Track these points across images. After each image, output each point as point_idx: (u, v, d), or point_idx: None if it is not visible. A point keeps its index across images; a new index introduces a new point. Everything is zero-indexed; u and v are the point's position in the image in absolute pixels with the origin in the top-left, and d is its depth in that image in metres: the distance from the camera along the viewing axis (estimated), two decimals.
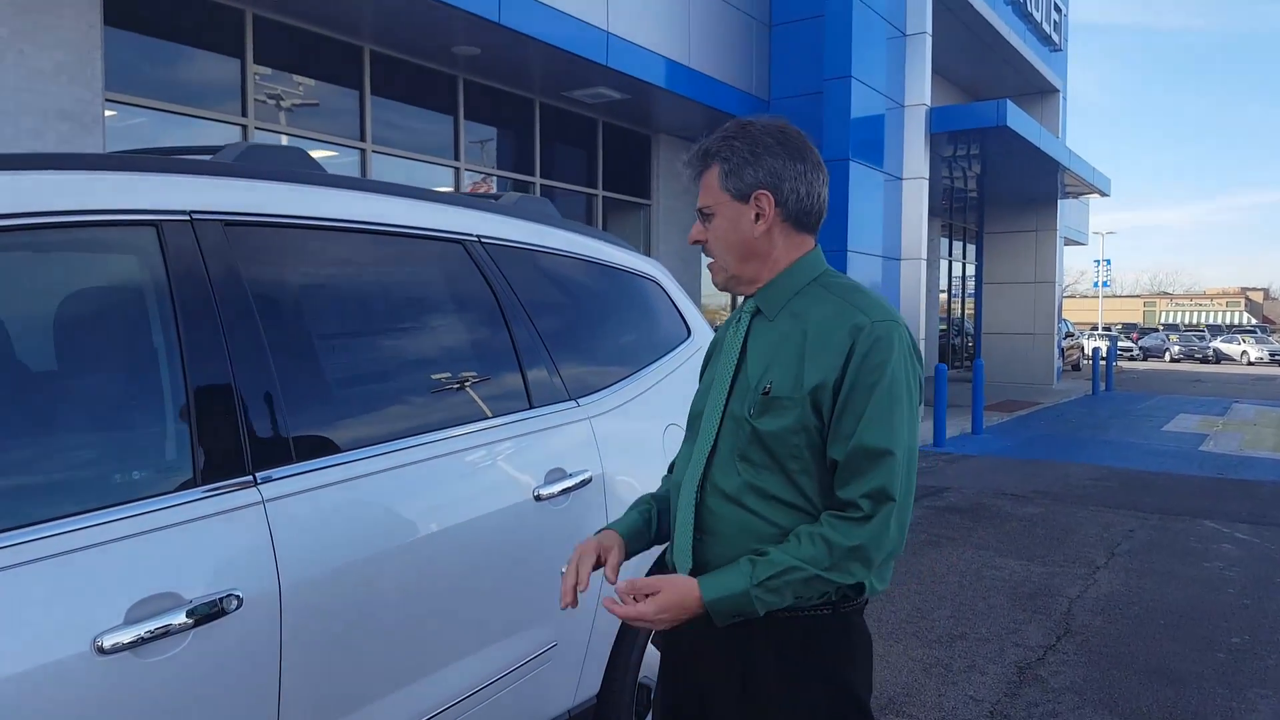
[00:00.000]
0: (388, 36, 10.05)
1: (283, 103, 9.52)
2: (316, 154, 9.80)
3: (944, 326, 26.50)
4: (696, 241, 1.92)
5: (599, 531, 1.99)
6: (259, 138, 9.04)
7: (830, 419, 1.74)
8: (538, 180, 12.51)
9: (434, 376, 2.67)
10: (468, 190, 11.01)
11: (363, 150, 10.25)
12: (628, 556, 1.96)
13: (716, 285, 1.94)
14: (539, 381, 2.90)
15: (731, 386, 1.86)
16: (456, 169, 11.45)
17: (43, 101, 7.13)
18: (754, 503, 1.78)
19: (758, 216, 1.84)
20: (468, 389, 2.71)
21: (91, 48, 7.46)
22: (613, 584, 1.86)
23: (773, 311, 1.86)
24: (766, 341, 1.85)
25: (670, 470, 2.13)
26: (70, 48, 7.31)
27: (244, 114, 9.01)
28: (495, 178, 12.13)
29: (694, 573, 1.81)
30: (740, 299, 1.97)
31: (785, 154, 1.83)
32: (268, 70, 9.29)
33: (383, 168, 10.46)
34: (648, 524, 2.03)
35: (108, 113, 7.73)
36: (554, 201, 3.64)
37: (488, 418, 2.67)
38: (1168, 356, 43.55)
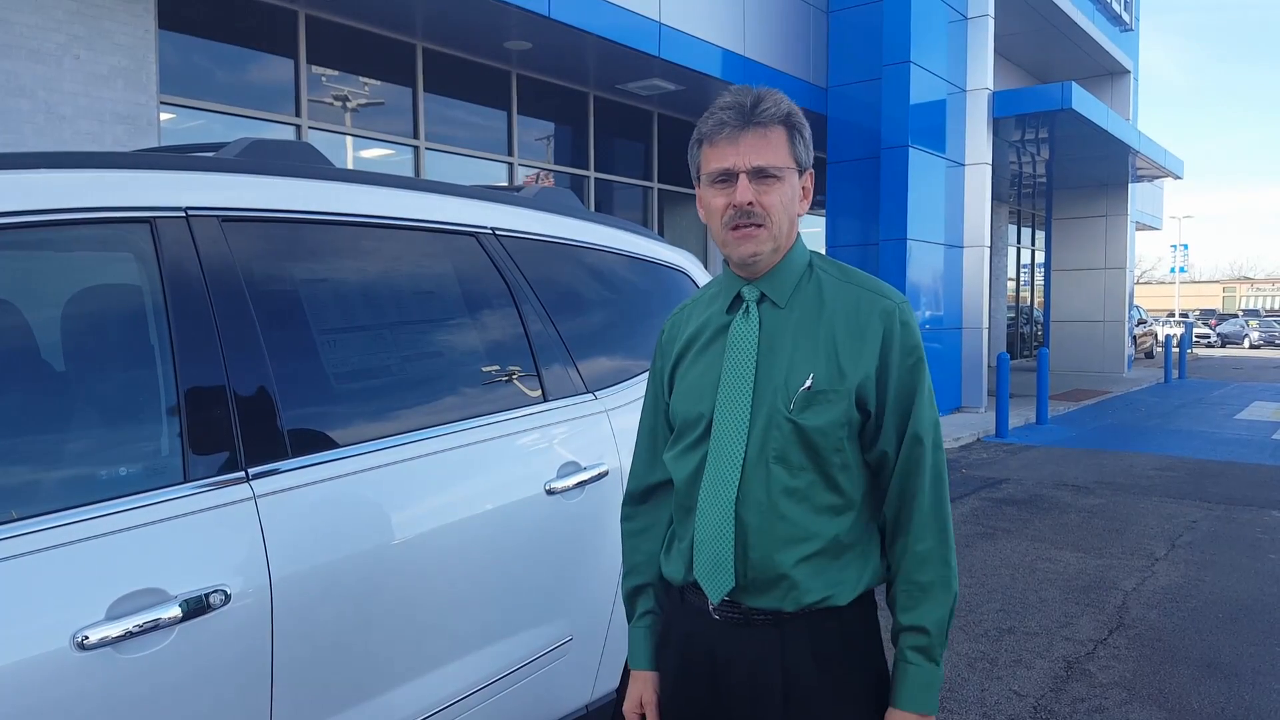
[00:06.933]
0: (440, 33, 10.12)
1: (336, 102, 9.63)
2: (371, 152, 9.92)
3: (1012, 315, 26.06)
4: (749, 203, 1.67)
5: (632, 672, 2.03)
6: (312, 137, 9.16)
7: (879, 409, 1.70)
8: (592, 174, 12.49)
9: (441, 371, 2.66)
10: (525, 184, 11.01)
11: (416, 148, 10.33)
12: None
13: (757, 256, 1.72)
14: (554, 374, 2.87)
15: (754, 383, 1.72)
16: (510, 164, 11.49)
17: (99, 105, 7.30)
18: (789, 508, 1.67)
19: (802, 195, 1.78)
20: (477, 383, 2.69)
21: (146, 51, 7.61)
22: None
23: (782, 298, 1.75)
24: (784, 331, 1.73)
25: (637, 501, 2.09)
26: (126, 52, 7.47)
27: (298, 114, 9.14)
28: (550, 172, 12.15)
29: (733, 591, 1.71)
30: (714, 289, 1.87)
31: None
32: (321, 70, 9.40)
33: (436, 165, 10.53)
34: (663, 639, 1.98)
35: (163, 115, 7.89)
36: (610, 194, 3.61)
37: (497, 411, 2.64)
38: (1247, 343, 42.21)
